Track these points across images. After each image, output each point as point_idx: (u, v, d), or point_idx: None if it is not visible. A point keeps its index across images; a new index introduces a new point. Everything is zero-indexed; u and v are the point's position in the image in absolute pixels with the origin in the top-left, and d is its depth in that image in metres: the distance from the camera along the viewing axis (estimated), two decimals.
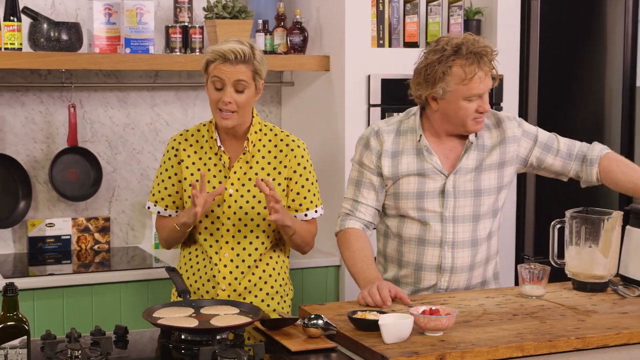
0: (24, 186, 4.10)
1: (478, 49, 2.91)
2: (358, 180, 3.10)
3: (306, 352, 2.44)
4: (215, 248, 2.99)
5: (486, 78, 2.94)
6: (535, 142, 3.09)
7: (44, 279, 3.68)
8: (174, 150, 3.04)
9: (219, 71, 2.90)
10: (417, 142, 3.03)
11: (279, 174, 3.02)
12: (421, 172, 3.02)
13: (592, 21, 4.45)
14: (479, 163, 3.03)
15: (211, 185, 2.98)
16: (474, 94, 2.93)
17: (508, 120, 3.09)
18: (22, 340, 2.20)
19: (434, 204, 3.02)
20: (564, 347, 2.48)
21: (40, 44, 3.82)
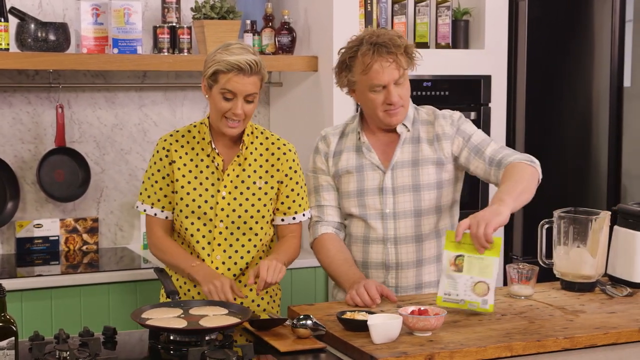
0: (12, 187, 4.08)
1: (379, 40, 2.92)
2: (316, 186, 3.14)
3: (295, 352, 2.44)
4: (208, 250, 2.97)
5: (388, 68, 2.92)
6: (467, 142, 3.03)
7: (32, 280, 3.67)
8: (165, 151, 3.01)
9: (233, 84, 2.85)
10: (357, 140, 3.07)
11: (271, 177, 3.02)
12: (360, 168, 3.05)
13: (580, 21, 4.46)
14: (415, 156, 3.03)
15: (204, 187, 2.96)
16: (375, 84, 2.94)
17: (443, 117, 3.06)
18: (9, 342, 2.19)
19: (374, 201, 3.03)
20: (553, 347, 2.48)
21: (28, 44, 3.81)
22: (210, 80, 2.89)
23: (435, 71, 4.21)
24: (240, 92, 2.87)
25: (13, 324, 2.20)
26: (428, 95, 4.19)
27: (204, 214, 2.95)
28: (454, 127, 3.05)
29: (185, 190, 2.96)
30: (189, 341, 2.46)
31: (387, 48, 2.92)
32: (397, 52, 2.92)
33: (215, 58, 2.88)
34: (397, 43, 2.93)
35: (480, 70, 4.30)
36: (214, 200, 2.95)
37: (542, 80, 4.39)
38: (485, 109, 4.31)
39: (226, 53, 2.87)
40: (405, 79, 2.98)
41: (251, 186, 2.98)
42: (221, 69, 2.85)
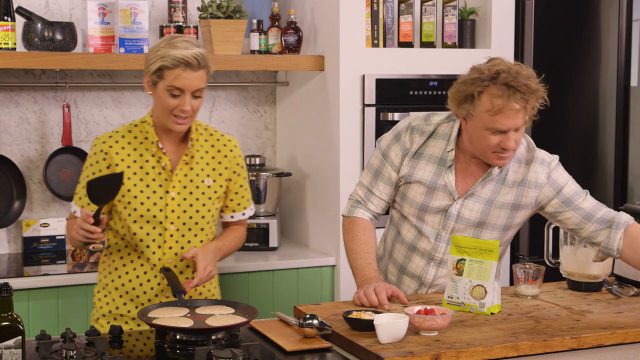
0: (19, 186, 4.09)
1: (516, 83, 2.72)
2: (378, 170, 3.01)
3: (301, 352, 2.44)
4: (159, 254, 2.89)
5: (516, 115, 2.74)
6: (558, 193, 2.92)
7: (38, 279, 3.67)
8: (103, 154, 2.87)
9: (180, 80, 2.76)
10: (446, 151, 2.93)
11: (219, 175, 2.96)
12: (432, 185, 2.92)
13: (586, 21, 4.46)
14: (493, 196, 2.91)
15: (151, 190, 2.87)
16: (497, 128, 2.75)
17: (541, 164, 2.93)
18: (16, 341, 2.19)
19: (434, 220, 2.95)
20: (559, 347, 2.48)
21: (35, 43, 3.81)
22: (155, 77, 2.79)
23: (441, 70, 4.21)
24: (188, 88, 2.78)
25: (20, 323, 2.21)
26: (434, 94, 4.19)
27: (153, 217, 2.86)
28: (547, 177, 2.92)
29: (132, 193, 2.86)
30: (195, 340, 2.46)
31: (522, 94, 2.72)
32: (530, 99, 2.74)
33: (160, 53, 2.78)
34: (532, 88, 2.74)
35: None
36: (163, 202, 2.87)
37: (548, 80, 4.36)
38: None
39: (170, 47, 2.77)
40: (526, 122, 2.80)
41: (200, 185, 2.92)
42: (167, 65, 2.76)
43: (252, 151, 4.56)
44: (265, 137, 4.62)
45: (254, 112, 4.58)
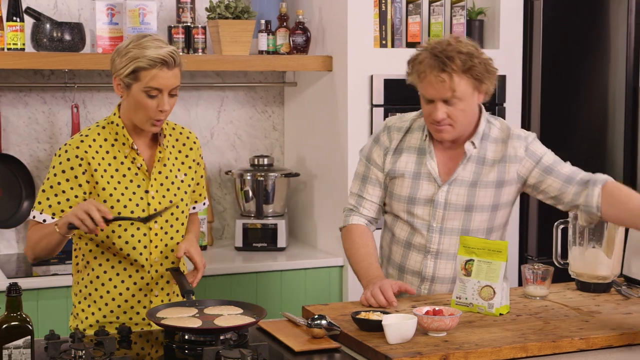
0: (27, 186, 4.10)
1: (442, 54, 2.79)
2: (364, 175, 3.07)
3: (309, 352, 2.44)
4: (145, 254, 2.86)
5: (439, 85, 2.79)
6: (537, 163, 2.95)
7: (47, 279, 3.68)
8: (78, 159, 2.78)
9: (158, 80, 2.71)
10: (422, 140, 2.98)
11: (189, 168, 2.96)
12: (416, 175, 2.97)
13: (595, 21, 4.45)
14: (475, 177, 2.94)
15: (131, 191, 2.83)
16: (424, 96, 2.85)
17: (517, 139, 2.96)
18: (25, 340, 2.20)
19: (423, 212, 2.97)
20: (568, 347, 2.47)
21: (43, 44, 3.82)
22: (129, 79, 2.73)
23: None
24: (166, 87, 2.73)
25: (29, 323, 2.21)
26: None
27: (138, 218, 2.81)
28: (525, 149, 2.95)
29: (114, 197, 2.80)
30: (204, 340, 2.46)
31: (443, 65, 2.78)
32: (453, 73, 2.77)
33: (132, 54, 2.72)
34: (455, 62, 2.77)
35: None
36: (145, 202, 2.85)
37: (557, 80, 4.38)
38: (499, 109, 4.30)
39: (142, 48, 2.72)
40: (462, 100, 2.81)
41: (175, 180, 2.91)
42: (143, 66, 2.70)
43: (260, 151, 4.56)
44: (273, 138, 4.62)
45: (262, 113, 4.59)
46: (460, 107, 2.83)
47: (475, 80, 2.82)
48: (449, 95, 2.80)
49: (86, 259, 2.89)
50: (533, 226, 4.38)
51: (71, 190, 2.77)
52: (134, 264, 2.87)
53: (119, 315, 2.88)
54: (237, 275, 3.91)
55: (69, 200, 2.77)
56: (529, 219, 4.39)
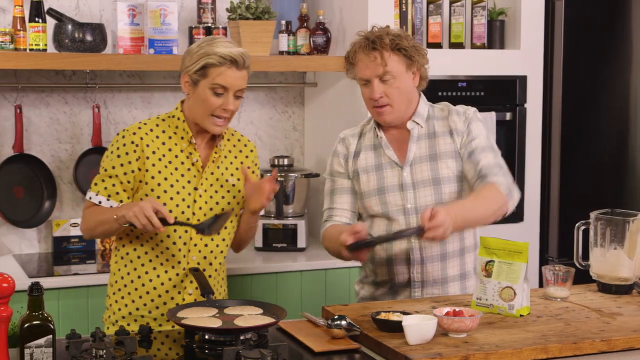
0: (49, 186, 4.12)
1: (371, 35, 2.97)
2: (331, 189, 3.14)
3: (329, 352, 2.45)
4: (184, 251, 2.89)
5: (372, 63, 2.94)
6: (469, 143, 3.01)
7: (68, 278, 3.70)
8: (134, 145, 2.84)
9: (225, 78, 2.78)
10: (375, 137, 3.08)
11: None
12: (378, 166, 3.05)
13: (617, 21, 4.42)
14: (432, 150, 3.03)
15: (180, 185, 2.87)
16: (360, 77, 2.99)
17: (457, 114, 3.05)
18: (47, 340, 2.21)
19: (395, 197, 3.03)
20: (589, 349, 2.46)
21: (65, 45, 3.84)
22: (197, 76, 2.80)
23: (470, 71, 4.20)
24: (232, 87, 2.79)
25: (50, 322, 2.22)
26: (463, 95, 4.18)
27: (181, 213, 2.85)
28: (465, 124, 3.04)
29: (162, 187, 2.85)
30: (224, 341, 2.47)
31: (373, 44, 2.94)
32: (383, 50, 2.93)
33: (204, 51, 2.79)
34: (384, 41, 2.94)
35: (516, 70, 4.28)
36: (192, 199, 2.88)
37: (578, 81, 4.36)
38: (520, 110, 4.29)
39: (214, 46, 2.79)
40: (397, 78, 2.96)
41: (224, 184, 2.94)
42: (213, 62, 2.77)
43: (281, 152, 4.56)
44: (293, 138, 4.62)
45: (283, 113, 4.59)
46: (395, 85, 2.96)
47: (405, 57, 2.96)
48: (382, 72, 2.94)
49: (125, 250, 2.93)
50: (554, 227, 4.37)
51: (124, 175, 2.84)
52: (170, 259, 2.89)
53: (151, 310, 2.91)
54: (257, 276, 3.92)
55: (122, 183, 2.84)
56: (549, 220, 4.38)
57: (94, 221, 2.85)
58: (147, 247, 2.90)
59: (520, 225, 4.32)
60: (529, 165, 4.34)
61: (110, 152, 2.89)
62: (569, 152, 4.35)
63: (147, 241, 2.89)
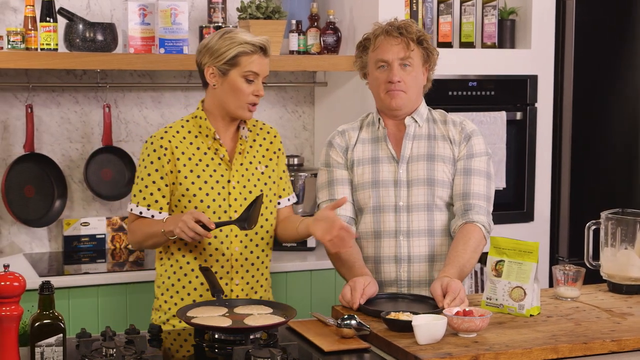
0: (60, 185, 4.13)
1: (396, 23, 3.03)
2: (329, 180, 3.11)
3: (339, 352, 2.45)
4: (226, 243, 2.93)
5: (395, 46, 2.98)
6: (469, 159, 3.02)
7: (79, 277, 3.71)
8: (163, 149, 2.91)
9: (257, 65, 2.88)
10: (377, 129, 3.10)
11: (269, 160, 3.04)
12: (375, 160, 3.06)
13: (628, 21, 4.41)
14: (430, 151, 3.04)
15: (214, 180, 2.92)
16: (380, 59, 3.00)
17: (453, 125, 3.07)
18: (57, 338, 2.22)
19: (388, 193, 3.03)
20: (599, 349, 2.46)
21: (76, 44, 3.85)
22: (227, 66, 2.88)
23: (481, 71, 4.19)
24: (263, 73, 2.90)
25: (61, 321, 2.23)
26: (474, 95, 4.17)
27: (218, 207, 2.91)
28: (463, 134, 3.05)
29: (196, 185, 2.91)
30: (234, 340, 2.47)
31: (398, 30, 2.99)
32: (408, 37, 2.98)
33: (235, 40, 2.86)
34: (410, 30, 2.99)
35: (527, 70, 4.27)
36: (226, 192, 2.93)
37: (589, 80, 4.35)
38: (531, 109, 4.28)
39: (240, 35, 2.87)
40: (414, 68, 3.00)
41: (255, 172, 2.99)
42: (245, 51, 2.86)
43: (291, 151, 4.56)
44: (303, 138, 4.62)
45: (293, 113, 4.59)
46: (413, 74, 3.01)
47: (425, 53, 3.03)
48: (404, 56, 2.98)
49: (170, 250, 2.98)
50: (564, 227, 4.36)
51: (161, 180, 2.91)
52: (214, 254, 2.93)
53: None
54: None
55: (160, 190, 2.91)
56: (560, 220, 4.37)
57: (142, 234, 2.92)
58: (190, 245, 2.95)
59: (531, 224, 4.32)
60: (539, 164, 4.33)
61: (142, 161, 2.95)
62: (580, 151, 4.34)
63: (185, 244, 2.94)
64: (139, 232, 2.93)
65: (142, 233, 2.92)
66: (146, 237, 2.91)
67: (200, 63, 2.94)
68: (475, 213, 2.96)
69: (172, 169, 2.92)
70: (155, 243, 2.92)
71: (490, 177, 3.05)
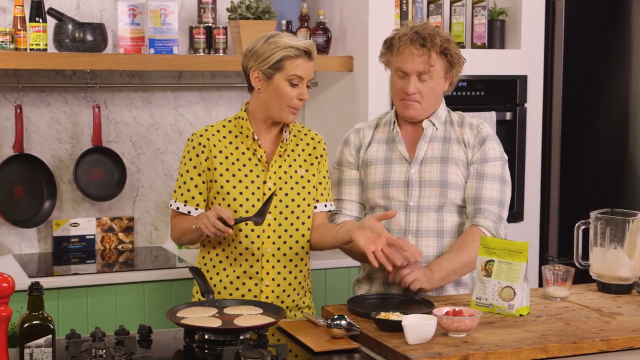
0: (49, 186, 4.12)
1: (420, 31, 2.99)
2: (339, 179, 3.16)
3: (329, 352, 2.44)
4: (257, 243, 2.94)
5: (416, 58, 2.97)
6: (482, 164, 3.03)
7: (68, 278, 3.70)
8: (201, 147, 2.96)
9: (302, 69, 2.89)
10: (391, 130, 3.11)
11: (311, 165, 3.04)
12: (388, 160, 3.08)
13: (618, 21, 4.42)
14: (444, 154, 3.05)
15: (249, 179, 2.95)
16: (399, 69, 3.00)
17: (470, 128, 3.08)
18: (47, 339, 2.21)
19: (399, 193, 3.04)
20: (589, 349, 2.46)
21: (65, 44, 3.84)
22: (272, 70, 2.89)
23: (470, 71, 4.18)
24: (307, 76, 2.92)
25: (50, 322, 2.23)
26: (463, 95, 4.17)
27: (251, 206, 2.93)
28: (478, 138, 3.05)
29: (230, 184, 2.94)
30: (224, 340, 2.47)
31: (423, 40, 2.96)
32: (432, 49, 2.96)
33: (280, 45, 2.88)
34: (435, 41, 2.96)
35: (516, 70, 4.28)
36: (261, 192, 2.94)
37: (578, 81, 4.36)
38: (521, 109, 4.29)
39: (285, 40, 2.89)
40: (433, 78, 2.99)
41: (294, 175, 3.00)
42: (290, 55, 2.87)
43: None
44: None
45: None
46: (431, 85, 3.00)
47: (448, 63, 3.01)
48: (424, 69, 2.97)
49: (206, 250, 3.03)
50: (554, 227, 4.37)
51: (198, 176, 2.97)
52: (243, 253, 2.95)
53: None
54: None
55: (197, 187, 2.97)
56: (549, 220, 4.37)
57: (179, 230, 3.00)
58: (224, 244, 2.98)
59: (520, 224, 4.33)
60: (529, 164, 4.34)
61: (183, 157, 3.02)
62: (569, 151, 4.35)
63: (224, 239, 2.97)
64: (177, 228, 3.00)
65: (179, 228, 2.99)
66: (182, 232, 2.98)
67: (245, 67, 2.97)
68: (483, 217, 2.98)
69: (209, 166, 2.96)
70: (191, 239, 2.98)
71: (504, 182, 3.05)
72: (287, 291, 2.98)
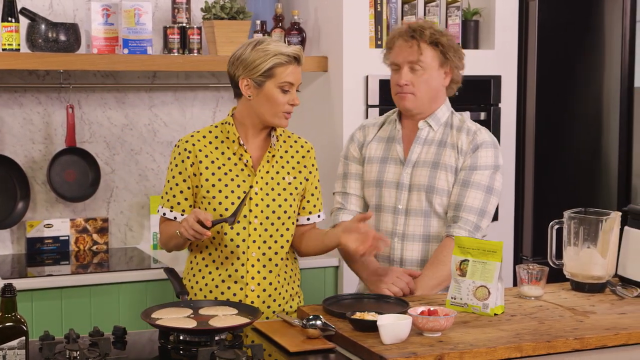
0: (22, 187, 4.10)
1: (414, 24, 3.06)
2: (345, 172, 3.21)
3: (304, 352, 2.44)
4: (243, 247, 2.94)
5: (406, 49, 3.03)
6: (470, 171, 3.05)
7: (42, 279, 3.68)
8: (187, 152, 2.97)
9: (292, 75, 2.91)
10: (394, 128, 3.15)
11: (299, 172, 3.04)
12: (384, 160, 3.13)
13: (590, 22, 4.45)
14: (436, 158, 3.07)
15: (235, 184, 2.94)
16: (392, 61, 3.08)
17: (466, 134, 3.09)
18: (20, 341, 2.19)
19: (390, 194, 3.09)
20: (563, 347, 2.48)
21: (38, 44, 3.82)
22: (263, 77, 2.89)
23: None
24: (297, 82, 2.94)
25: (24, 324, 2.21)
26: None
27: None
28: (472, 145, 3.07)
29: (216, 188, 2.94)
30: (199, 341, 2.46)
31: (413, 32, 3.03)
32: (421, 39, 3.01)
33: (269, 52, 2.87)
34: (424, 32, 3.02)
35: (490, 70, 4.30)
36: (247, 197, 2.93)
37: (552, 81, 4.39)
38: (495, 110, 4.30)
39: (274, 46, 2.89)
40: (426, 70, 3.03)
41: (281, 181, 3.00)
42: (281, 62, 2.88)
43: None
44: None
45: None
46: (424, 77, 3.04)
47: (441, 54, 3.03)
48: (415, 59, 3.02)
49: (194, 253, 3.04)
50: (528, 226, 4.39)
51: (184, 182, 2.98)
52: (229, 256, 2.95)
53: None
54: None
55: (182, 192, 2.99)
56: (524, 219, 4.40)
57: (166, 235, 3.02)
58: (210, 248, 2.98)
59: (495, 224, 4.33)
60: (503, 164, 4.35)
61: (170, 164, 3.03)
62: (543, 151, 4.37)
63: (210, 242, 2.98)
64: (164, 233, 3.02)
65: (166, 234, 3.00)
66: (168, 238, 2.99)
67: (233, 75, 2.95)
68: (458, 227, 3.00)
69: (195, 172, 2.96)
70: (176, 244, 2.98)
71: (490, 192, 3.06)
72: (272, 296, 2.98)
